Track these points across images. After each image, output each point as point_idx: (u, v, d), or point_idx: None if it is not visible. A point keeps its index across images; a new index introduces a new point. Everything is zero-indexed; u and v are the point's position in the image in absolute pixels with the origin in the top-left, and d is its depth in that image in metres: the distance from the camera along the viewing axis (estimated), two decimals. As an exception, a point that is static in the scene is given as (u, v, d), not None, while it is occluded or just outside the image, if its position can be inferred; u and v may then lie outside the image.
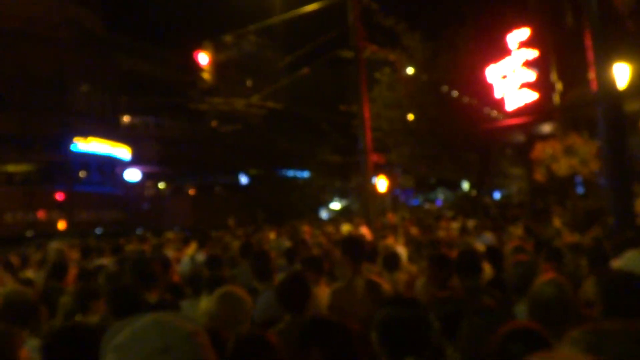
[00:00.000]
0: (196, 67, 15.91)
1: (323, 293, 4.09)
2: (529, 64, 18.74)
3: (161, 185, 39.84)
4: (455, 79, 22.94)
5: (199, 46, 15.66)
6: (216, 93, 22.08)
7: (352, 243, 4.27)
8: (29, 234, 27.12)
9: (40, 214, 29.12)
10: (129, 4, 34.17)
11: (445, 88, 23.63)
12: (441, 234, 9.25)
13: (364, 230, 10.19)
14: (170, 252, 8.42)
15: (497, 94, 20.50)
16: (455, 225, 11.66)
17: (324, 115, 34.20)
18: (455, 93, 23.74)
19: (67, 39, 30.31)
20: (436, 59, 23.25)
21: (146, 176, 37.22)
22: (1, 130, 28.39)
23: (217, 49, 15.58)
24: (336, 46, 16.29)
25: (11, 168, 30.01)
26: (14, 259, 8.29)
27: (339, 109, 27.15)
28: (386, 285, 4.07)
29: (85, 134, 29.53)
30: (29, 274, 6.56)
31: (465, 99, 22.99)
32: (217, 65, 15.46)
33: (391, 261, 5.70)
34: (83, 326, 2.55)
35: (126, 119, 36.66)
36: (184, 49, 22.20)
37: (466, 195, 31.33)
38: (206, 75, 15.78)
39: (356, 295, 3.84)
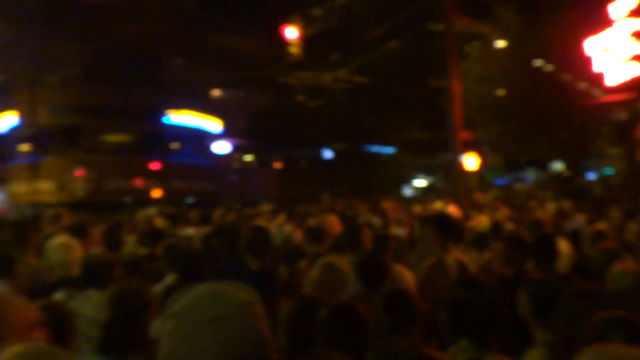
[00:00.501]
0: (284, 41, 16.06)
1: (394, 270, 4.11)
2: (636, 34, 17.40)
3: (248, 157, 40.87)
4: (550, 52, 21.78)
5: (287, 20, 15.76)
6: (303, 67, 22.29)
7: (443, 220, 4.25)
8: (127, 200, 28.77)
9: (137, 182, 30.72)
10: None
11: (539, 62, 22.51)
12: (539, 215, 8.87)
13: (452, 209, 10.01)
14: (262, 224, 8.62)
15: (597, 68, 19.23)
16: (551, 206, 11.19)
17: (411, 90, 33.64)
18: (550, 67, 22.57)
19: (162, 15, 31.44)
20: (531, 31, 22.12)
21: (234, 148, 38.27)
22: (105, 102, 30.07)
23: (305, 22, 15.61)
24: (425, 18, 15.90)
25: (112, 138, 31.83)
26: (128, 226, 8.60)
27: (427, 83, 26.56)
28: (473, 266, 4.02)
29: (178, 106, 30.75)
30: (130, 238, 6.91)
31: (561, 74, 21.82)
32: (305, 39, 15.51)
33: (481, 241, 5.64)
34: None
35: (216, 92, 37.70)
36: (273, 23, 22.50)
37: (559, 175, 29.94)
38: (294, 49, 15.89)
39: (447, 273, 3.86)
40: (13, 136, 32.66)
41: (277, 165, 40.75)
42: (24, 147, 32.01)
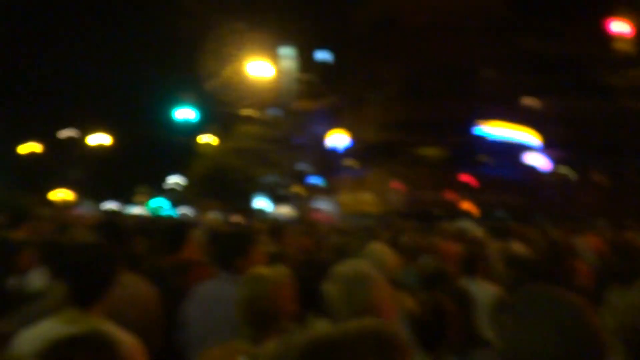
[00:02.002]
0: (608, 38, 14.61)
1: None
2: None
3: (565, 170, 38.06)
4: None
5: (612, 13, 14.32)
6: (633, 64, 19.76)
7: None
8: (436, 212, 29.63)
9: (447, 195, 31.42)
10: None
11: None
12: None
13: None
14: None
15: None
16: None
17: None
18: None
19: (474, 27, 31.73)
20: None
21: (550, 161, 36.14)
22: (419, 116, 31.71)
23: (636, 14, 13.93)
24: None
25: (426, 151, 33.28)
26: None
27: None
28: None
29: (489, 117, 30.49)
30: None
31: None
32: (637, 33, 13.83)
33: None
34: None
35: (529, 101, 36.24)
36: (593, 19, 20.59)
37: None
38: (621, 45, 14.34)
39: None
40: (341, 151, 36.82)
41: (599, 178, 36.89)
42: (350, 162, 35.74)
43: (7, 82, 51.20)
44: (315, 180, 40.93)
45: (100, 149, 50.89)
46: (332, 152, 38.05)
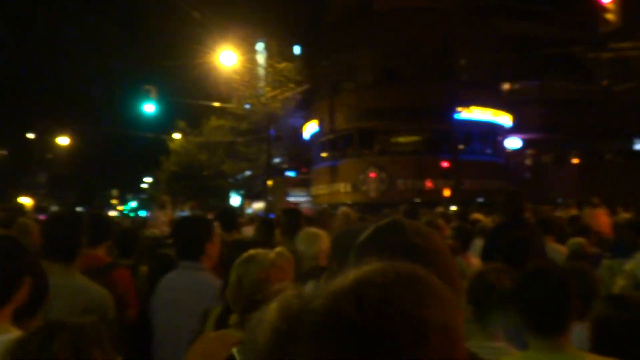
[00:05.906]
0: (597, 8, 13.87)
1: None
2: None
3: (543, 153, 37.89)
4: None
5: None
6: (619, 39, 19.04)
7: None
8: (417, 200, 28.90)
9: (427, 182, 30.75)
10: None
11: None
12: None
13: None
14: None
15: None
16: None
17: None
18: None
19: (449, 10, 31.08)
20: None
21: (527, 144, 35.86)
22: (394, 103, 30.95)
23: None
24: None
25: (402, 139, 32.55)
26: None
27: None
28: None
29: (467, 103, 29.73)
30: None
31: None
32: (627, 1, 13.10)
33: None
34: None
35: (507, 85, 35.84)
36: (568, 3, 20.09)
37: None
38: (610, 16, 13.59)
39: None
40: (314, 142, 35.94)
41: (576, 160, 36.70)
42: (324, 153, 34.87)
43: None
44: (290, 173, 40.01)
45: (66, 150, 49.08)
46: (307, 144, 37.14)
